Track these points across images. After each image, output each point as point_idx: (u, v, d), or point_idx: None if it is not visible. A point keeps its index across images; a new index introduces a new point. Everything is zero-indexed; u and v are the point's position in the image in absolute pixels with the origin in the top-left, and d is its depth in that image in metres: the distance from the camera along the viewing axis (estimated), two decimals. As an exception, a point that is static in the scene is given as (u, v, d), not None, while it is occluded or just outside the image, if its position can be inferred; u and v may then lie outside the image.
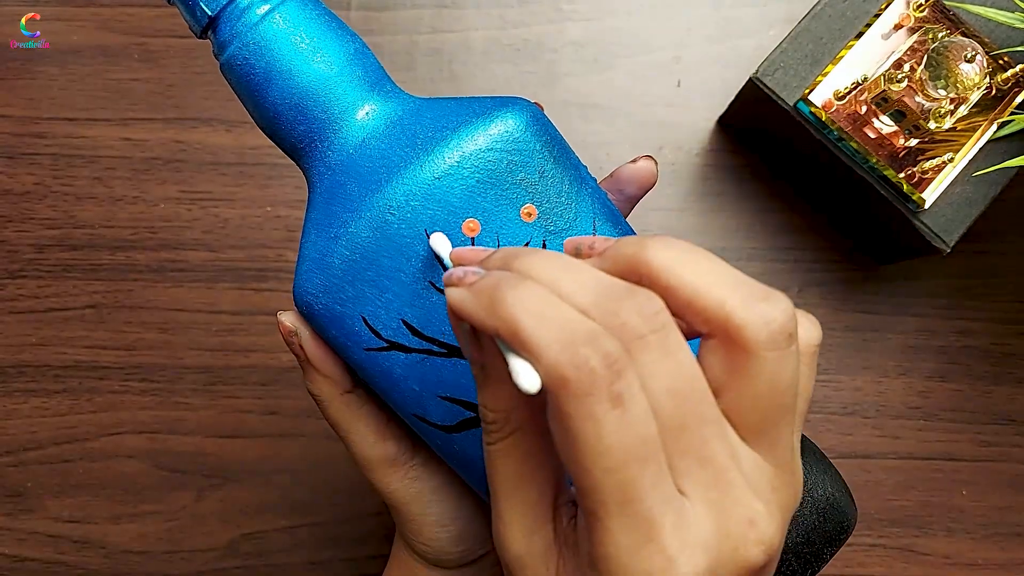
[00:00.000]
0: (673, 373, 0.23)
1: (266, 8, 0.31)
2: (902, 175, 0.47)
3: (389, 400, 0.33)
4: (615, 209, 0.33)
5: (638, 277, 0.24)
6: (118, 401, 0.56)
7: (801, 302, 0.56)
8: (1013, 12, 0.46)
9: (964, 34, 0.48)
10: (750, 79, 0.49)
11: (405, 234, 0.30)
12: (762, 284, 0.24)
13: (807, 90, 0.48)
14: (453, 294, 0.25)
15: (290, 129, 0.32)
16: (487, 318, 0.23)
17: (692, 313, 0.24)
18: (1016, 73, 0.47)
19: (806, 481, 0.36)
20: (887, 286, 0.57)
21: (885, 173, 0.47)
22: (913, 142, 0.47)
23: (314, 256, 0.31)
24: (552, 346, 0.22)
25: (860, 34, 0.48)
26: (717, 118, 0.57)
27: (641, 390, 0.22)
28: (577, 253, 0.26)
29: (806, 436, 0.39)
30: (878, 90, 0.47)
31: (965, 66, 0.44)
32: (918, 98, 0.46)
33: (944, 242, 0.48)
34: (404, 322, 0.31)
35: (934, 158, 0.47)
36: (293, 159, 0.33)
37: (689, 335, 0.24)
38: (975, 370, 0.56)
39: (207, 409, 0.56)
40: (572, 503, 0.26)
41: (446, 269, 0.28)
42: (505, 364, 0.23)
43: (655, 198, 0.39)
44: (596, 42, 0.58)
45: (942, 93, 0.44)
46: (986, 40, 0.49)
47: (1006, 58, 0.48)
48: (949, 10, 0.48)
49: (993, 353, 0.56)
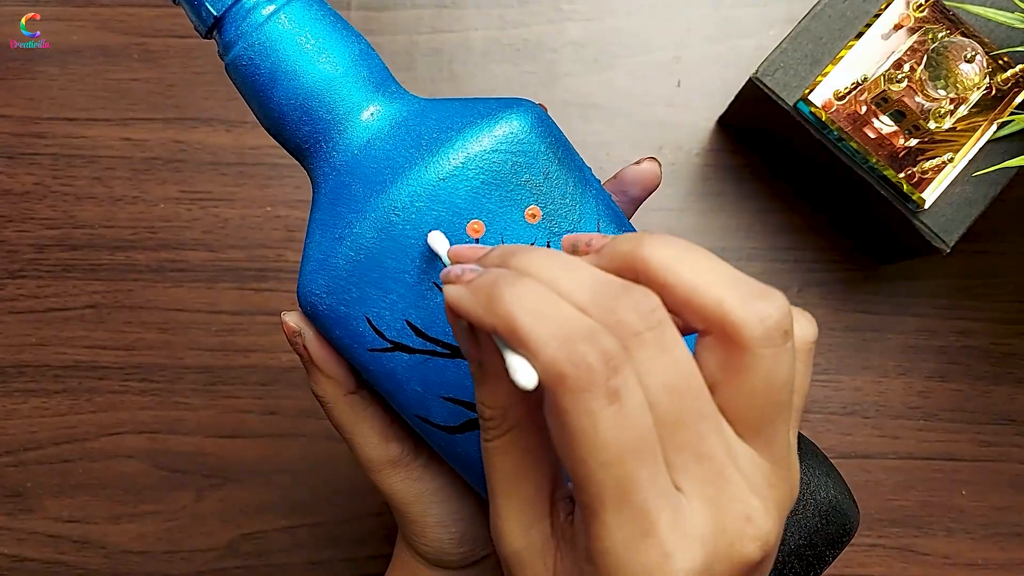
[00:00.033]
0: (669, 369, 0.23)
1: (271, 8, 0.31)
2: (902, 175, 0.47)
3: (392, 401, 0.33)
4: (619, 210, 0.33)
5: (635, 274, 0.24)
6: (118, 401, 0.56)
7: (801, 302, 0.56)
8: (1013, 12, 0.47)
9: (964, 34, 0.48)
10: (750, 79, 0.49)
11: (409, 235, 0.30)
12: (758, 282, 0.24)
13: (807, 90, 0.48)
14: (451, 291, 0.25)
15: (295, 130, 0.32)
16: (485, 315, 0.23)
17: (689, 310, 0.24)
18: (1016, 73, 0.47)
19: (808, 483, 0.36)
20: (887, 286, 0.57)
21: (885, 173, 0.47)
22: (913, 142, 0.47)
23: (318, 257, 0.31)
24: (549, 343, 0.22)
25: (860, 34, 0.48)
26: (717, 118, 0.57)
27: (638, 386, 0.22)
28: (574, 250, 0.26)
29: (808, 438, 0.39)
30: (878, 90, 0.47)
31: (965, 66, 0.44)
32: (918, 98, 0.46)
33: (944, 242, 0.48)
34: (408, 323, 0.31)
35: (934, 158, 0.47)
36: (297, 159, 0.33)
37: (685, 332, 0.24)
38: (975, 370, 0.56)
39: (207, 409, 0.56)
40: (569, 499, 0.27)
41: (445, 267, 0.28)
42: (502, 361, 0.23)
43: (655, 198, 0.39)
44: (596, 42, 0.58)
45: (942, 93, 0.44)
46: (986, 40, 0.49)
47: (1006, 58, 0.48)
48: (949, 10, 0.49)
49: (993, 353, 0.56)
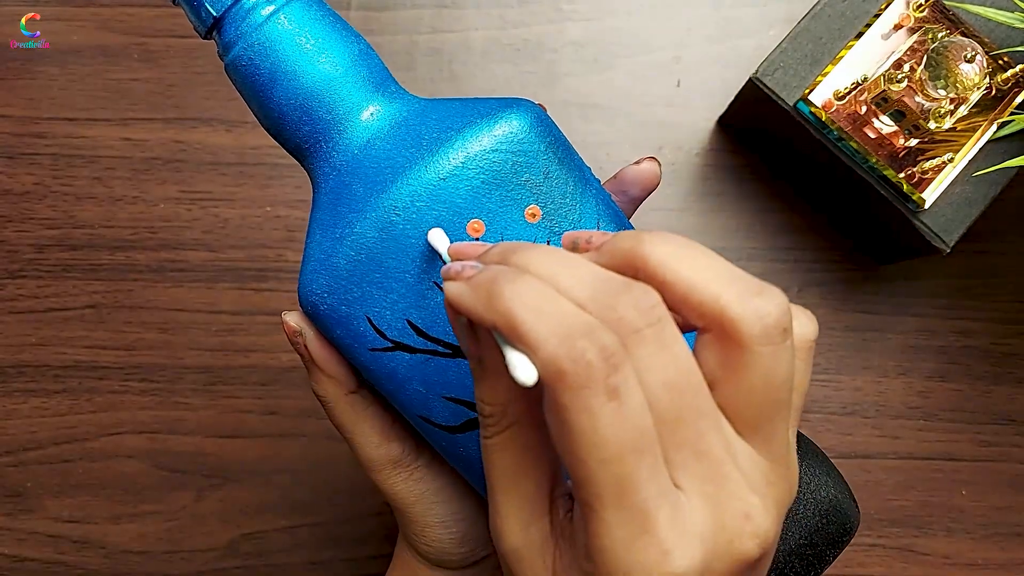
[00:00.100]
0: (669, 367, 0.23)
1: (271, 9, 0.31)
2: (902, 175, 0.47)
3: (393, 401, 0.33)
4: (619, 210, 0.33)
5: (634, 271, 0.24)
6: (118, 401, 0.56)
7: (801, 302, 0.56)
8: (1013, 12, 0.47)
9: (964, 34, 0.48)
10: (750, 79, 0.49)
11: (410, 235, 0.30)
12: (757, 279, 0.24)
13: (807, 90, 0.48)
14: (451, 288, 0.25)
15: (295, 130, 0.32)
16: (485, 312, 0.23)
17: (688, 308, 0.24)
18: (1016, 73, 0.47)
19: (808, 482, 0.36)
20: (887, 286, 0.57)
21: (885, 173, 0.47)
22: (913, 142, 0.47)
23: (319, 256, 0.31)
24: (549, 339, 0.22)
25: (860, 34, 0.48)
26: (717, 118, 0.57)
27: (637, 383, 0.22)
28: (574, 247, 0.26)
29: (808, 438, 0.39)
30: (878, 90, 0.47)
31: (965, 66, 0.44)
32: (918, 98, 0.46)
33: (944, 242, 0.48)
34: (409, 322, 0.31)
35: (934, 158, 0.47)
36: (297, 159, 0.33)
37: (685, 329, 0.24)
38: (975, 370, 0.56)
39: (207, 409, 0.56)
40: (568, 496, 0.26)
41: (445, 264, 0.28)
42: (502, 357, 0.23)
43: (655, 198, 0.39)
44: (596, 42, 0.58)
45: (942, 93, 0.44)
46: (986, 40, 0.49)
47: (1006, 58, 0.48)
48: (949, 10, 0.49)
49: (993, 353, 0.56)
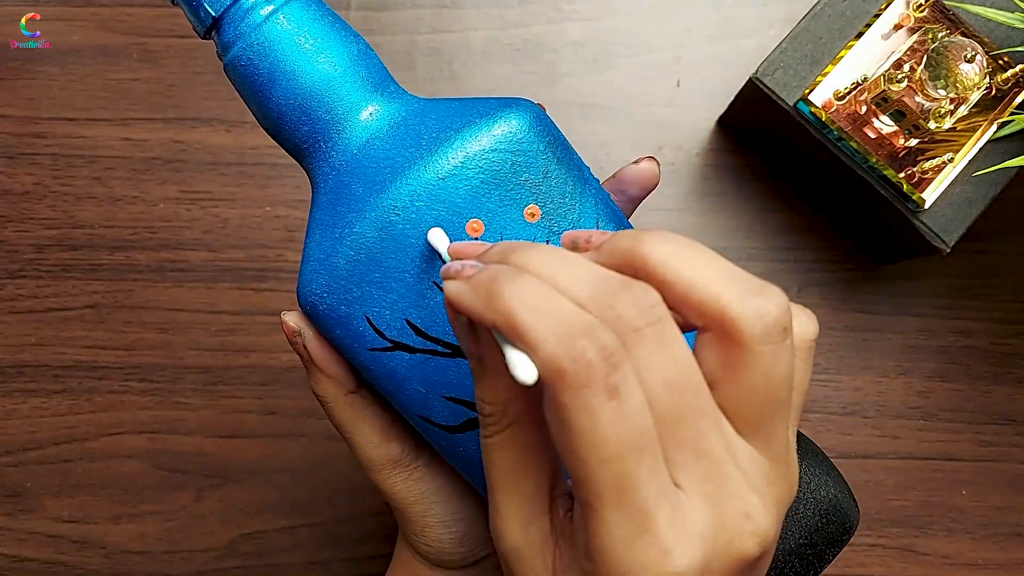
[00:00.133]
0: (669, 366, 0.23)
1: (270, 9, 0.31)
2: (902, 175, 0.47)
3: (393, 401, 0.33)
4: (618, 210, 0.33)
5: (634, 271, 0.24)
6: (118, 401, 0.56)
7: (801, 302, 0.56)
8: (1013, 12, 0.47)
9: (964, 34, 0.48)
10: (750, 79, 0.49)
11: (409, 234, 0.30)
12: (757, 278, 0.24)
13: (807, 90, 0.48)
14: (451, 287, 0.25)
15: (294, 130, 0.32)
16: (484, 311, 0.23)
17: (688, 307, 0.24)
18: (1016, 73, 0.47)
19: (808, 482, 0.36)
20: (887, 286, 0.57)
21: (885, 173, 0.47)
22: (913, 142, 0.47)
23: (318, 256, 0.31)
24: (549, 338, 0.22)
25: (860, 34, 0.48)
26: (717, 118, 0.57)
27: (637, 382, 0.22)
28: (574, 247, 0.26)
29: (808, 437, 0.39)
30: (878, 90, 0.47)
31: (965, 66, 0.44)
32: (918, 98, 0.46)
33: (944, 242, 0.48)
34: (408, 322, 0.31)
35: (934, 158, 0.47)
36: (296, 159, 0.33)
37: (685, 329, 0.24)
38: (975, 370, 0.56)
39: (207, 409, 0.56)
40: (568, 495, 0.26)
41: (445, 264, 0.28)
42: (502, 357, 0.23)
43: (655, 198, 0.39)
44: (596, 42, 0.58)
45: (942, 93, 0.44)
46: (986, 40, 0.49)
47: (1006, 58, 0.48)
48: (949, 10, 0.48)
49: (993, 353, 0.56)
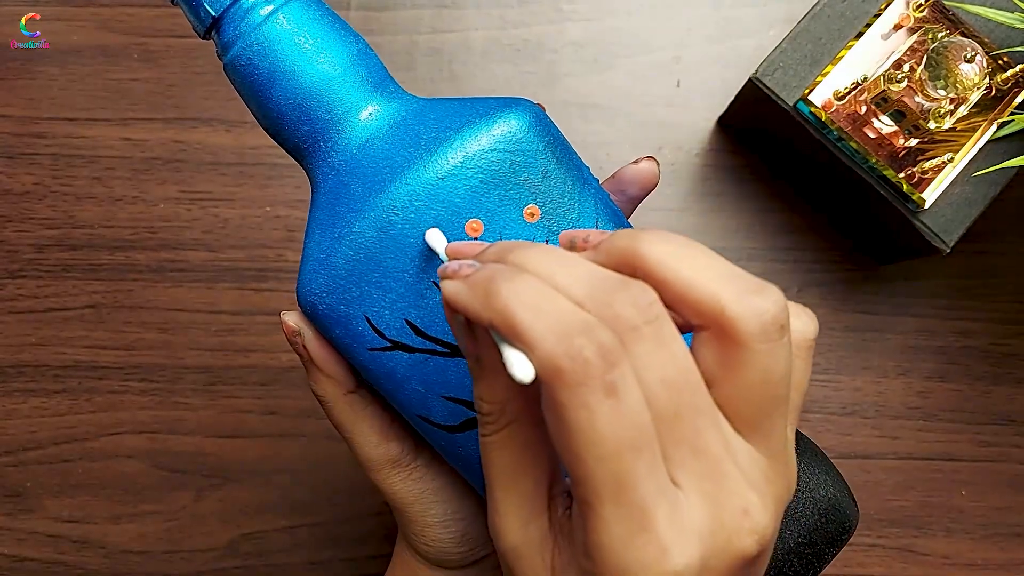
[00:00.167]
0: (667, 364, 0.23)
1: (270, 9, 0.31)
2: (902, 175, 0.47)
3: (393, 400, 0.33)
4: (617, 210, 0.33)
5: (632, 270, 0.24)
6: (118, 401, 0.56)
7: (801, 302, 0.55)
8: (1013, 12, 0.47)
9: (964, 34, 0.48)
10: (750, 79, 0.49)
11: (409, 234, 0.30)
12: (755, 277, 0.24)
13: (807, 90, 0.48)
14: (448, 286, 0.25)
15: (294, 129, 0.32)
16: (482, 310, 0.23)
17: (685, 306, 0.24)
18: (1016, 73, 0.47)
19: (807, 481, 0.36)
20: (887, 286, 0.57)
21: (885, 173, 0.47)
22: (913, 142, 0.47)
23: (318, 256, 0.31)
24: (547, 337, 0.22)
25: (860, 34, 0.48)
26: (717, 118, 0.57)
27: (635, 381, 0.22)
28: (572, 246, 0.26)
29: (808, 437, 0.39)
30: (878, 90, 0.47)
31: (965, 66, 0.44)
32: (918, 98, 0.46)
33: (944, 242, 0.48)
34: (408, 322, 0.31)
35: (934, 158, 0.47)
36: (296, 159, 0.33)
37: (683, 329, 0.24)
38: (975, 370, 0.56)
39: (207, 409, 0.56)
40: (567, 494, 0.26)
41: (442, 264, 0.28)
42: (500, 356, 0.23)
43: (655, 198, 0.39)
44: (596, 42, 0.58)
45: (942, 93, 0.44)
46: (986, 40, 0.49)
47: (1006, 58, 0.48)
48: (949, 10, 0.49)
49: (993, 353, 0.56)
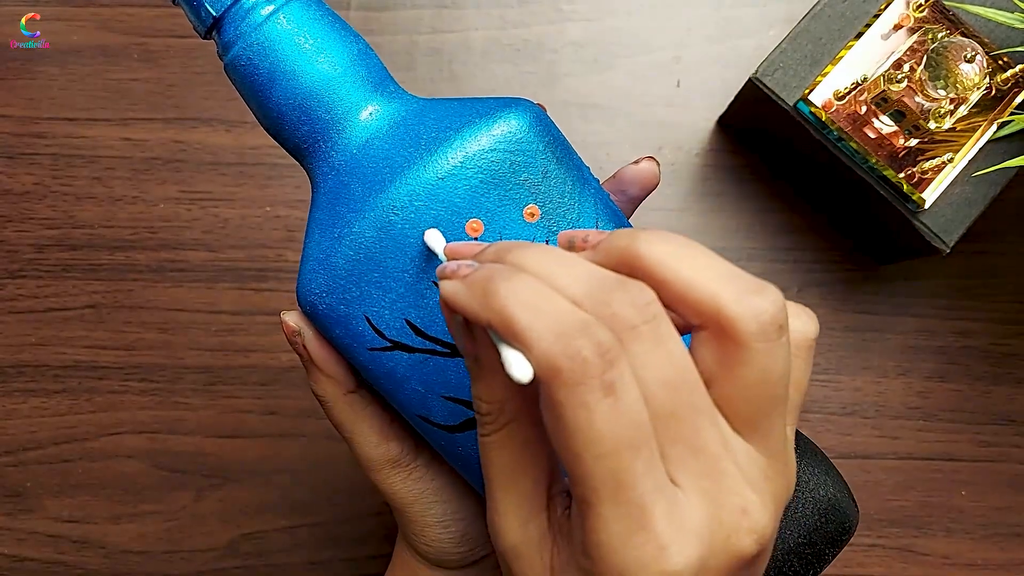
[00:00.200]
0: (665, 363, 0.23)
1: (270, 9, 0.31)
2: (902, 175, 0.47)
3: (392, 400, 0.33)
4: (617, 210, 0.33)
5: (631, 270, 0.24)
6: (118, 401, 0.56)
7: (801, 302, 0.55)
8: (1013, 12, 0.47)
9: (964, 34, 0.48)
10: (750, 79, 0.49)
11: (408, 234, 0.30)
12: (754, 277, 0.24)
13: (807, 90, 0.48)
14: (447, 286, 0.25)
15: (294, 129, 0.32)
16: (480, 310, 0.23)
17: (684, 306, 0.24)
18: (1016, 73, 0.47)
19: (807, 481, 0.36)
20: (887, 286, 0.57)
21: (885, 173, 0.47)
22: (913, 142, 0.47)
23: (318, 256, 0.31)
24: (545, 336, 0.22)
25: (860, 34, 0.48)
26: (717, 118, 0.57)
27: (633, 380, 0.22)
28: (570, 246, 0.26)
29: (808, 437, 0.39)
30: (878, 90, 0.47)
31: (965, 66, 0.44)
32: (918, 98, 0.46)
33: (944, 242, 0.48)
34: (407, 322, 0.31)
35: (934, 158, 0.47)
36: (296, 159, 0.33)
37: (682, 329, 0.24)
38: (974, 370, 0.56)
39: (207, 409, 0.56)
40: (566, 493, 0.27)
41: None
42: (498, 355, 0.23)
43: (655, 198, 0.39)
44: (596, 42, 0.58)
45: (942, 93, 0.44)
46: (986, 40, 0.49)
47: (1006, 58, 0.48)
48: (949, 10, 0.49)
49: (993, 353, 0.56)
